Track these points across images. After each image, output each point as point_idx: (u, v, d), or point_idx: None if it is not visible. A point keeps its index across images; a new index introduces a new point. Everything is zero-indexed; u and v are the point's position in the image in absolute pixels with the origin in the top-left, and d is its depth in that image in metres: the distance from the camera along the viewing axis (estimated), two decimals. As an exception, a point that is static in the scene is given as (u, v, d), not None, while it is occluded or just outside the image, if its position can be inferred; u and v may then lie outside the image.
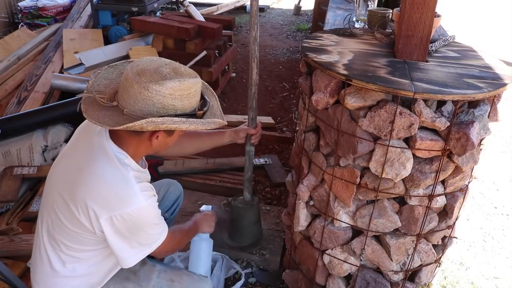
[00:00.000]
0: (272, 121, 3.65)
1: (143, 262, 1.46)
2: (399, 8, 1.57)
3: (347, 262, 1.66)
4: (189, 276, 1.53)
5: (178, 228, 1.60)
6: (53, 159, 2.69)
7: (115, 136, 1.24)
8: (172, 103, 1.14)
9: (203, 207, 1.90)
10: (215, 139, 1.80)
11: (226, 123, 1.32)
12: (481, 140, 1.48)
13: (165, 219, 1.81)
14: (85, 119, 1.18)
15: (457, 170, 1.46)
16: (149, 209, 1.23)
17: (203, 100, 1.29)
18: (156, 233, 1.31)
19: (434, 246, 1.69)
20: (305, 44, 1.66)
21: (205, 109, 1.25)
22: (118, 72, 1.32)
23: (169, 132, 1.24)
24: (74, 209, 1.18)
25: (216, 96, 1.40)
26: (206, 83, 1.40)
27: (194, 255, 1.80)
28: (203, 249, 1.80)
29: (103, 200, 1.17)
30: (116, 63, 1.34)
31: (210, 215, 1.77)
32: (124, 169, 1.20)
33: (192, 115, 1.20)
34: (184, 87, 1.15)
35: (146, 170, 1.37)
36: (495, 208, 2.77)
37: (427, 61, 1.53)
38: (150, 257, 1.39)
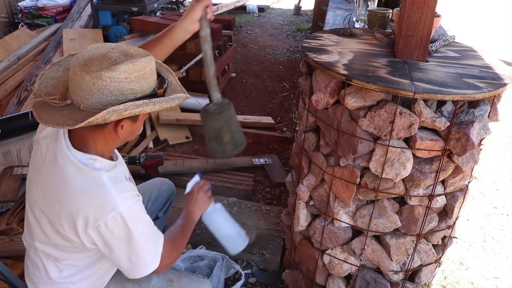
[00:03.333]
0: (272, 121, 3.66)
1: None
2: (399, 8, 1.57)
3: (347, 262, 1.66)
4: (188, 277, 1.52)
5: (171, 234, 1.44)
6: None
7: (76, 140, 1.17)
8: (129, 87, 1.07)
9: (189, 184, 1.67)
10: (167, 42, 1.50)
11: (190, 97, 1.23)
12: (481, 140, 1.48)
13: (158, 218, 1.82)
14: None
15: (457, 170, 1.46)
16: (131, 211, 1.16)
17: (160, 78, 1.21)
18: (150, 240, 1.23)
19: (434, 246, 1.69)
20: (305, 44, 1.66)
21: (164, 86, 1.18)
22: (64, 69, 1.21)
23: (134, 118, 1.17)
24: (60, 227, 1.15)
25: (173, 72, 1.31)
26: (158, 60, 1.30)
27: (214, 228, 1.71)
28: (218, 219, 1.70)
29: (85, 211, 1.11)
30: (59, 59, 1.23)
31: (197, 192, 1.62)
32: (96, 175, 1.14)
33: (153, 95, 1.13)
34: (138, 67, 1.08)
35: (119, 162, 1.31)
36: (495, 208, 2.77)
37: (427, 61, 1.53)
38: None
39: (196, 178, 1.71)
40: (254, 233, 2.27)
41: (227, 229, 1.74)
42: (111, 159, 1.25)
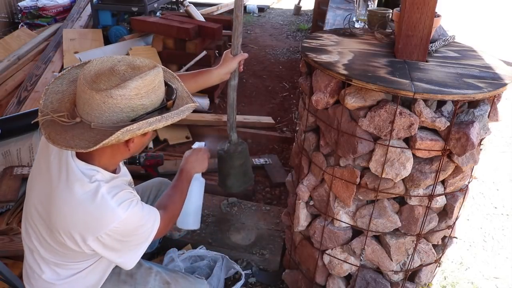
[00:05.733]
0: (272, 121, 3.65)
1: (139, 265, 1.45)
2: (399, 8, 1.57)
3: (347, 262, 1.66)
4: (185, 279, 1.52)
5: (167, 196, 1.48)
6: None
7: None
8: (140, 102, 1.06)
9: (195, 145, 1.76)
10: (201, 81, 1.58)
11: (198, 104, 1.22)
12: (481, 140, 1.48)
13: None
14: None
15: (457, 170, 1.46)
16: (131, 217, 1.16)
17: (167, 86, 1.20)
18: (147, 229, 1.24)
19: (434, 246, 1.69)
20: (305, 44, 1.66)
21: (173, 97, 1.17)
22: (68, 81, 1.20)
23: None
24: (58, 235, 1.15)
25: (178, 77, 1.31)
26: (163, 66, 1.30)
27: None
28: (193, 188, 1.72)
29: (84, 225, 1.12)
30: (62, 71, 1.22)
31: (200, 152, 1.66)
32: (95, 188, 1.12)
33: (162, 108, 1.13)
34: (147, 82, 1.07)
35: (123, 172, 1.31)
36: (495, 208, 2.77)
37: (427, 61, 1.53)
38: (145, 258, 1.38)
39: (202, 143, 1.78)
40: (254, 233, 2.27)
41: (193, 204, 1.77)
42: (114, 172, 1.25)
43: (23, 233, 1.31)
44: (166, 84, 1.20)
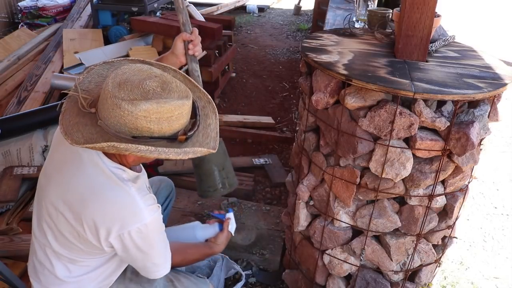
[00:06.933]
0: (272, 121, 3.66)
1: None
2: (399, 8, 1.57)
3: (347, 262, 1.66)
4: (187, 279, 1.53)
5: (182, 251, 1.50)
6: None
7: None
8: (147, 125, 1.02)
9: (233, 222, 1.72)
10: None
11: (214, 151, 1.13)
12: (481, 140, 1.48)
13: None
14: None
15: (457, 170, 1.46)
16: (155, 223, 1.19)
17: (194, 119, 1.14)
18: (163, 247, 1.28)
19: (434, 246, 1.69)
20: (305, 44, 1.66)
21: (189, 133, 1.10)
22: (114, 69, 1.17)
23: None
24: (80, 229, 1.15)
25: (217, 114, 1.24)
26: (209, 97, 1.25)
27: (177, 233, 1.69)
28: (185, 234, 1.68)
29: (111, 220, 1.13)
30: (113, 59, 1.21)
31: (229, 237, 1.69)
32: (125, 186, 1.14)
33: (172, 139, 1.07)
34: (163, 110, 1.02)
35: (142, 173, 1.32)
36: (495, 208, 2.77)
37: (427, 61, 1.53)
38: None
39: (232, 214, 1.73)
40: (254, 233, 2.27)
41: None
42: (130, 169, 1.25)
43: (35, 230, 1.30)
44: (195, 116, 1.14)
